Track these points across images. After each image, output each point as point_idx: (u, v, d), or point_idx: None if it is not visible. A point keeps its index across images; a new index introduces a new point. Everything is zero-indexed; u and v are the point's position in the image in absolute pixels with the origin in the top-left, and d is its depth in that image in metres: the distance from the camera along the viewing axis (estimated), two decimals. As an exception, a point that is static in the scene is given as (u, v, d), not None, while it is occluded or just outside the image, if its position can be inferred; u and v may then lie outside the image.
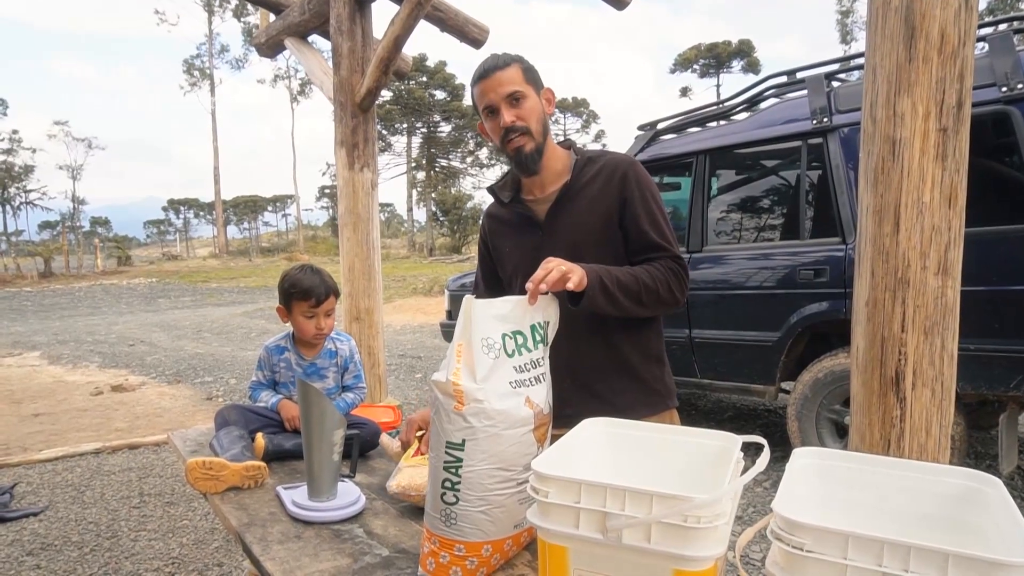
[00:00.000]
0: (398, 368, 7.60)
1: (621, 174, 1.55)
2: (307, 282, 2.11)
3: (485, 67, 1.53)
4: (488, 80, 1.52)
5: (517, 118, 1.52)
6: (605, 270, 1.43)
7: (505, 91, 1.51)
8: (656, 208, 1.55)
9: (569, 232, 1.57)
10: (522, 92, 1.52)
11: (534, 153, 1.55)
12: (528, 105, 1.53)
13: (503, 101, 1.51)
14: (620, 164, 1.57)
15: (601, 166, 1.58)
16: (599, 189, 1.57)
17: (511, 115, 1.52)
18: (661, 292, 1.48)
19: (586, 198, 1.57)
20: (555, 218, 1.60)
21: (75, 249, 33.10)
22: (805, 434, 3.75)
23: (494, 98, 1.52)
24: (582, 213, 1.57)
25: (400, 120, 37.33)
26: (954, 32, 1.40)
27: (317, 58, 4.57)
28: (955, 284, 1.45)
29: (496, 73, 1.51)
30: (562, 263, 1.33)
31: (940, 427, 1.47)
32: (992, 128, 3.20)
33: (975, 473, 0.93)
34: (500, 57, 1.54)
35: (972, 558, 0.71)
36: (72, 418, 5.54)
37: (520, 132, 1.53)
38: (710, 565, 0.87)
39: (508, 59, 1.53)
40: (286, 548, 1.40)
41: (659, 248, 1.53)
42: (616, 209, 1.55)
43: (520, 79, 1.52)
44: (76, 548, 3.09)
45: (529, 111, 1.53)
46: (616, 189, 1.55)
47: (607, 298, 1.42)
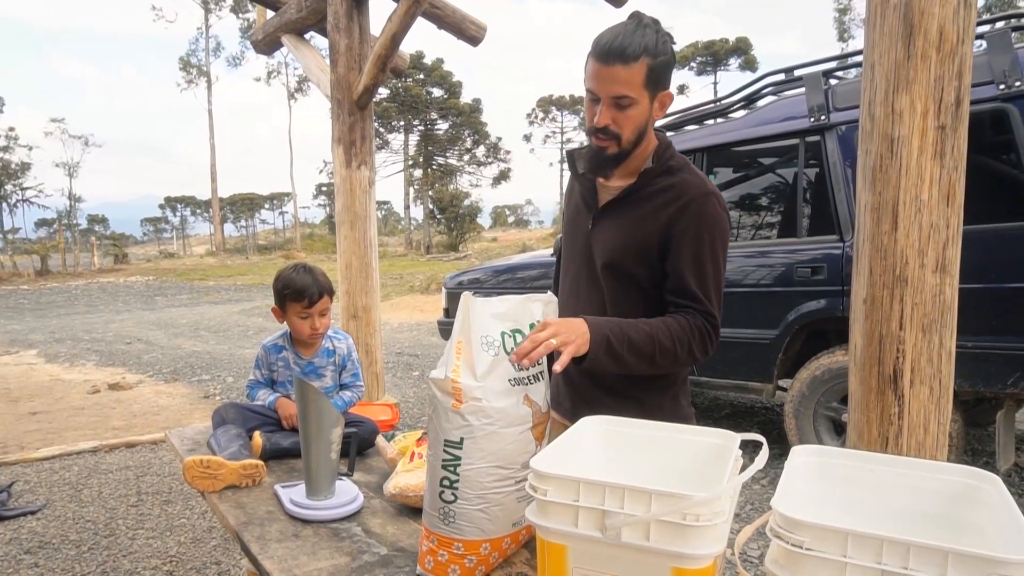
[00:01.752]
0: (395, 366, 7.59)
1: (685, 202, 1.38)
2: (300, 282, 2.09)
3: (611, 48, 1.32)
4: (604, 69, 1.33)
5: (613, 122, 1.38)
6: (617, 328, 1.33)
7: (615, 92, 1.35)
8: (707, 253, 1.38)
9: (612, 241, 1.45)
10: (632, 99, 1.35)
11: (612, 159, 1.42)
12: (632, 112, 1.37)
13: (608, 99, 1.36)
14: (690, 190, 1.40)
15: (673, 182, 1.42)
16: (656, 207, 1.42)
17: (608, 117, 1.37)
18: (679, 354, 1.36)
19: (641, 210, 1.43)
20: (608, 215, 1.49)
21: (72, 247, 33.04)
22: (802, 432, 3.76)
23: (600, 91, 1.36)
24: (630, 227, 1.44)
25: (397, 118, 37.28)
26: (953, 29, 1.40)
27: (314, 55, 4.55)
28: (953, 282, 1.45)
29: (616, 67, 1.32)
30: (557, 332, 1.22)
31: (938, 424, 1.47)
32: (990, 126, 3.20)
33: (974, 470, 0.93)
34: (631, 44, 1.31)
35: (972, 555, 0.71)
36: (69, 416, 5.53)
37: (609, 136, 1.39)
38: (709, 563, 0.86)
39: (638, 51, 1.31)
40: (284, 547, 1.40)
41: (693, 299, 1.38)
42: (658, 238, 1.40)
43: (639, 82, 1.34)
44: (74, 546, 3.08)
45: (630, 119, 1.38)
46: (670, 216, 1.39)
47: (613, 360, 1.32)
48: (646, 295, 1.46)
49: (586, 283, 1.54)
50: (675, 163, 1.45)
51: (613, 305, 1.49)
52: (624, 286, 1.47)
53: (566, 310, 1.58)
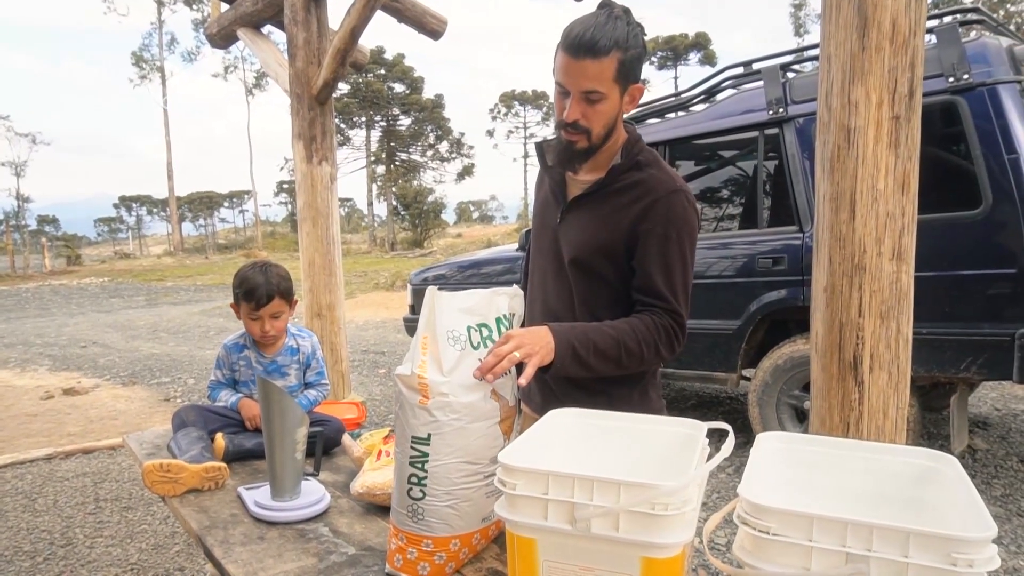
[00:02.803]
0: (361, 364, 7.52)
1: (652, 200, 1.37)
2: (251, 283, 2.03)
3: (581, 41, 1.29)
4: (574, 63, 1.30)
5: (583, 117, 1.35)
6: (581, 334, 1.32)
7: (584, 86, 1.32)
8: (675, 251, 1.37)
9: (579, 237, 1.44)
10: (602, 94, 1.32)
11: (581, 153, 1.40)
12: (602, 107, 1.34)
13: (577, 94, 1.33)
14: (658, 187, 1.38)
15: (641, 178, 1.40)
16: (624, 203, 1.40)
17: (578, 112, 1.34)
18: (646, 355, 1.36)
19: (609, 206, 1.41)
20: (577, 209, 1.47)
21: (21, 249, 31.95)
22: (766, 420, 3.83)
23: (571, 85, 1.33)
24: (597, 222, 1.42)
25: (359, 113, 36.87)
26: (905, 22, 1.43)
27: (272, 49, 4.46)
28: (909, 269, 1.49)
29: (585, 61, 1.29)
30: (520, 344, 1.21)
31: (897, 409, 1.50)
32: (940, 118, 3.29)
33: (933, 453, 0.96)
34: (601, 36, 1.28)
35: (932, 535, 0.72)
36: (21, 423, 5.35)
37: (579, 131, 1.37)
38: (678, 551, 0.87)
39: (608, 44, 1.28)
40: (249, 550, 1.37)
41: (660, 298, 1.37)
42: (625, 235, 1.39)
43: (610, 76, 1.31)
44: (28, 558, 2.98)
45: (600, 114, 1.35)
46: (637, 214, 1.38)
47: (579, 366, 1.32)
48: (614, 291, 1.45)
49: (553, 278, 1.53)
50: (643, 158, 1.43)
51: (581, 301, 1.47)
52: (591, 282, 1.46)
53: (535, 304, 1.57)
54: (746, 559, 0.80)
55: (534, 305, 1.59)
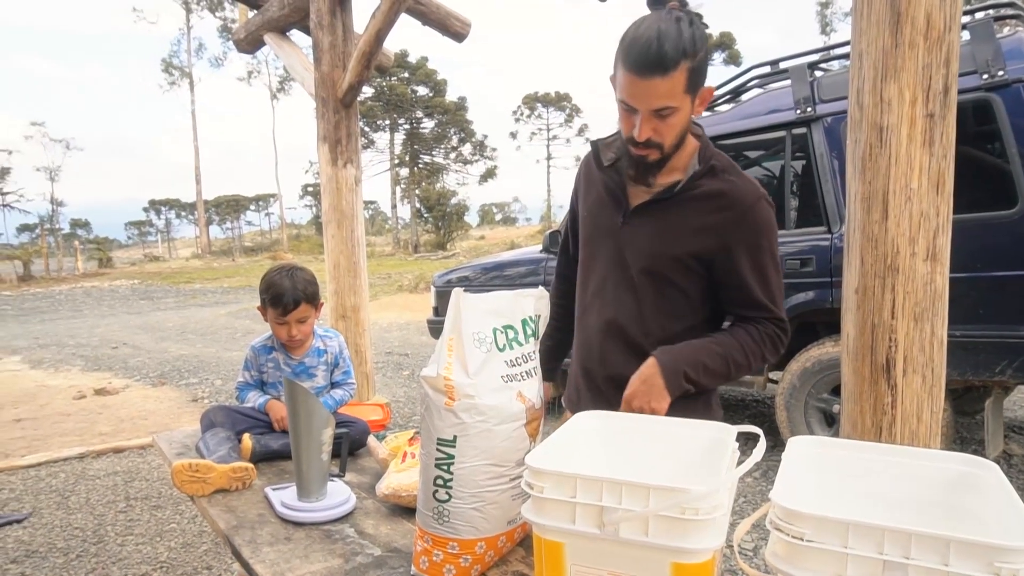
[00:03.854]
0: (385, 366, 7.56)
1: (741, 211, 1.33)
2: (278, 288, 2.04)
3: (646, 60, 1.20)
4: (641, 83, 1.22)
5: (654, 133, 1.28)
6: (691, 359, 1.33)
7: (655, 105, 1.24)
8: (769, 260, 1.35)
9: (649, 245, 1.38)
10: (674, 107, 1.25)
11: (655, 165, 1.35)
12: (674, 120, 1.27)
13: (647, 112, 1.26)
14: (744, 198, 1.33)
15: (722, 188, 1.35)
16: (704, 213, 1.34)
17: (648, 130, 1.28)
18: (753, 364, 1.36)
19: (685, 213, 1.35)
20: (644, 216, 1.39)
21: (55, 252, 32.66)
22: (794, 423, 3.77)
23: (639, 105, 1.26)
24: (673, 227, 1.36)
25: (383, 117, 37.14)
26: (939, 17, 1.40)
27: (297, 53, 4.51)
28: (944, 270, 1.45)
29: (653, 80, 1.21)
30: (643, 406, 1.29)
31: (931, 413, 1.47)
32: (974, 115, 3.22)
33: (971, 458, 0.93)
34: (667, 50, 1.19)
35: (973, 543, 0.70)
36: (55, 423, 5.46)
37: (651, 147, 1.31)
38: (708, 557, 0.85)
39: (676, 58, 1.19)
40: (276, 550, 1.38)
41: (762, 308, 1.35)
42: (709, 246, 1.35)
43: (680, 90, 1.23)
44: (62, 554, 3.04)
45: (671, 126, 1.28)
46: (724, 225, 1.33)
47: (695, 386, 1.35)
48: (687, 300, 1.41)
49: (615, 286, 1.46)
50: (718, 163, 1.37)
51: (650, 311, 1.42)
52: (663, 291, 1.41)
53: (590, 313, 1.52)
54: (779, 566, 0.78)
55: (588, 313, 1.53)
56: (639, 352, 1.42)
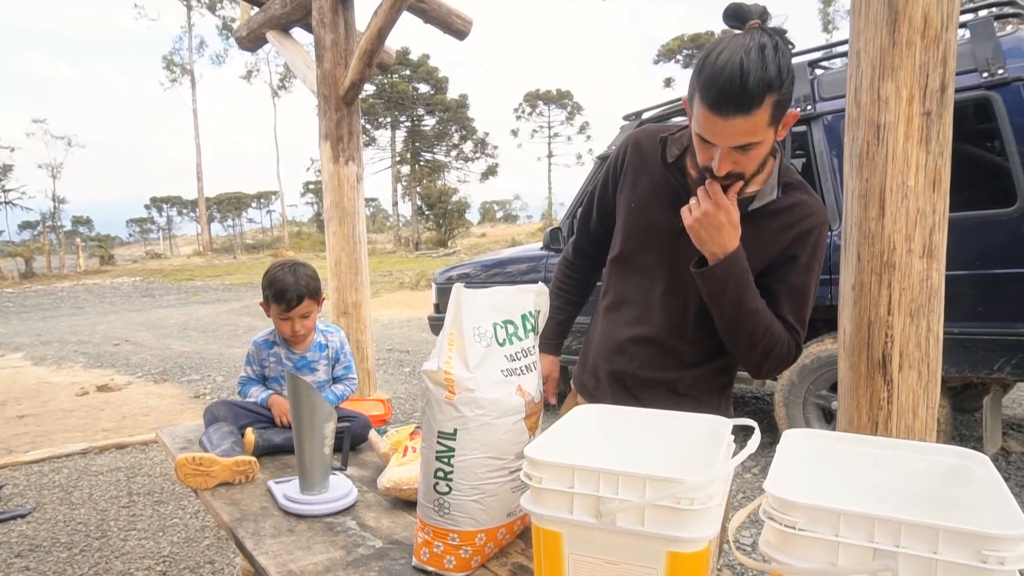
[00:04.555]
0: (386, 362, 7.58)
1: (807, 229, 1.32)
2: (281, 284, 2.06)
3: (728, 100, 1.10)
4: (720, 121, 1.13)
5: (736, 166, 1.20)
6: (744, 282, 1.27)
7: (736, 143, 1.16)
8: (812, 283, 1.35)
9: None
10: (756, 143, 1.16)
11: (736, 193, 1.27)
12: (756, 152, 1.19)
13: (727, 150, 1.18)
14: (812, 216, 1.33)
15: (792, 204, 1.33)
16: (776, 230, 1.32)
17: (728, 165, 1.20)
18: (763, 343, 1.31)
19: (756, 232, 1.31)
20: None
21: (56, 249, 32.71)
22: (793, 420, 3.79)
23: (718, 141, 1.17)
24: (744, 245, 1.29)
25: (384, 114, 37.15)
26: (937, 16, 1.41)
27: (299, 51, 4.52)
28: (940, 267, 1.46)
29: (736, 120, 1.11)
30: (733, 219, 1.21)
31: (927, 408, 1.48)
32: (974, 113, 3.23)
33: (963, 451, 0.94)
34: (750, 85, 1.07)
35: (962, 532, 0.72)
36: (58, 419, 5.48)
37: (731, 178, 1.23)
38: (703, 546, 0.87)
39: (762, 90, 1.08)
40: (279, 542, 1.40)
41: (785, 324, 1.34)
42: (772, 260, 1.33)
43: (763, 125, 1.13)
44: (65, 549, 3.06)
45: (754, 158, 1.21)
46: (790, 240, 1.32)
47: (718, 295, 1.28)
48: None
49: (663, 291, 1.42)
50: (790, 181, 1.35)
51: (698, 319, 1.40)
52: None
53: (628, 309, 1.48)
54: (772, 554, 0.80)
55: (625, 309, 1.49)
56: (673, 359, 1.43)
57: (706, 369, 1.46)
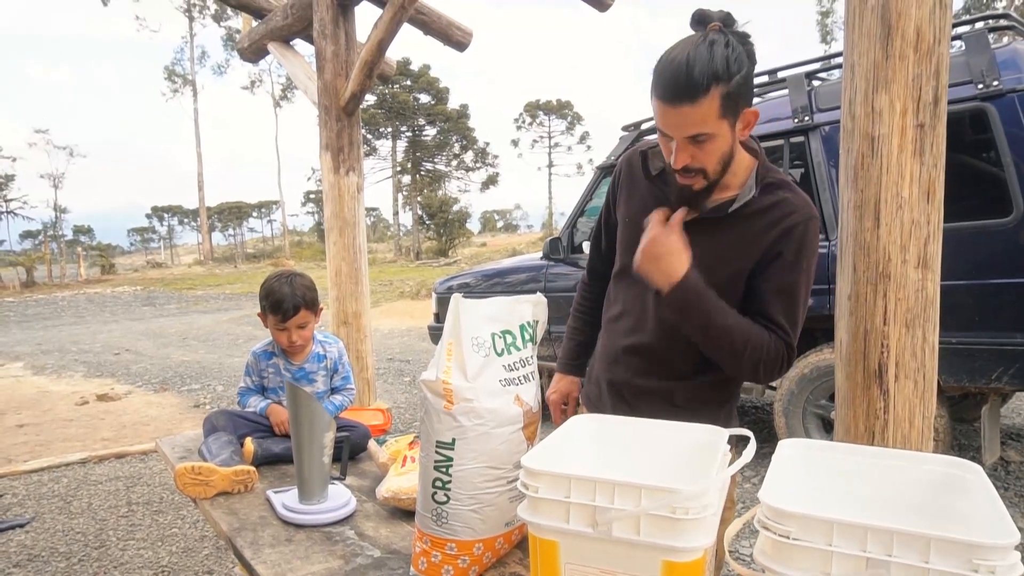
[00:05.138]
0: (386, 372, 7.58)
1: (791, 225, 1.30)
2: (277, 295, 2.07)
3: (674, 86, 1.17)
4: (671, 110, 1.20)
5: (692, 159, 1.25)
6: (705, 301, 1.27)
7: (688, 132, 1.21)
8: (802, 282, 1.32)
9: (699, 258, 1.31)
10: (708, 135, 1.21)
11: (701, 192, 1.31)
12: (712, 146, 1.23)
13: (682, 140, 1.23)
14: (797, 211, 1.31)
15: (775, 201, 1.32)
16: (760, 230, 1.32)
17: (685, 157, 1.25)
18: (744, 361, 1.29)
19: (739, 233, 1.33)
20: (694, 233, 1.33)
21: (58, 258, 32.75)
22: (792, 429, 3.79)
23: (672, 132, 1.24)
24: (725, 247, 1.33)
25: (385, 124, 37.28)
26: (929, 30, 1.43)
27: (300, 62, 4.55)
28: (935, 277, 1.48)
29: (683, 108, 1.17)
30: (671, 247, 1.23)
31: (923, 418, 1.49)
32: (970, 125, 3.25)
33: (956, 460, 0.95)
34: (696, 75, 1.14)
35: (953, 541, 0.72)
36: (57, 428, 5.48)
37: (692, 173, 1.27)
38: (699, 555, 0.88)
39: (707, 80, 1.15)
40: (277, 551, 1.40)
41: (776, 325, 1.31)
42: (757, 261, 1.32)
43: (714, 115, 1.19)
44: (64, 559, 3.06)
45: (710, 152, 1.24)
46: (773, 239, 1.31)
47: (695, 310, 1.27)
48: None
49: (656, 301, 1.41)
50: (773, 180, 1.35)
51: None
52: None
53: (624, 320, 1.50)
54: (767, 563, 0.81)
55: (623, 319, 1.50)
56: (666, 368, 1.43)
57: (701, 382, 1.44)
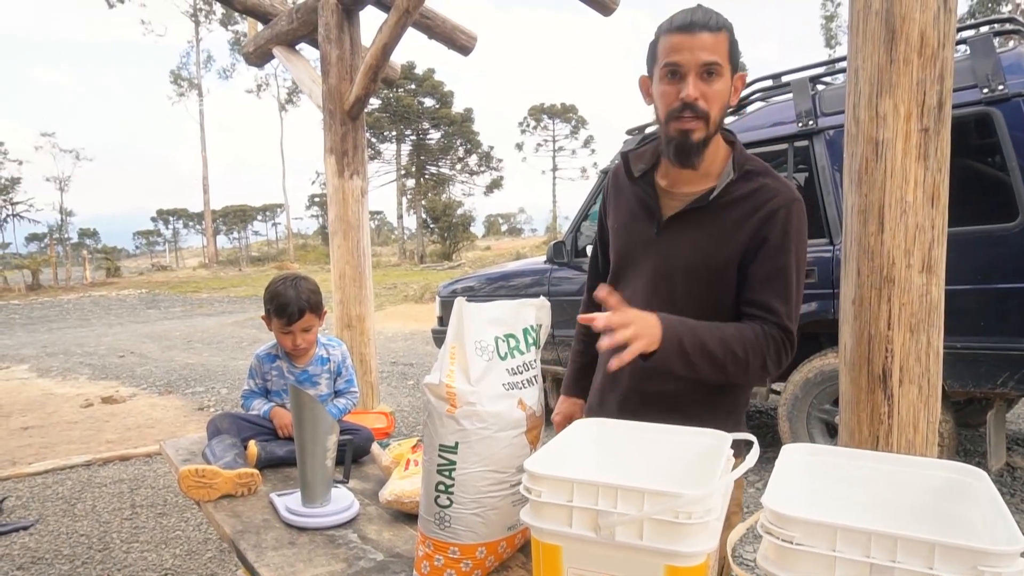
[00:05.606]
0: (390, 375, 7.58)
1: (772, 209, 1.32)
2: (282, 299, 2.08)
3: (692, 19, 1.27)
4: (689, 37, 1.26)
5: (703, 96, 1.28)
6: (690, 330, 1.25)
7: (704, 59, 1.26)
8: (792, 265, 1.32)
9: (688, 254, 1.35)
10: (721, 67, 1.27)
11: (700, 144, 1.32)
12: (719, 87, 1.29)
13: (696, 69, 1.27)
14: (777, 196, 1.33)
15: (755, 187, 1.34)
16: (740, 217, 1.33)
17: (698, 90, 1.27)
18: (752, 364, 1.28)
19: (722, 221, 1.34)
20: (680, 226, 1.37)
21: (63, 261, 32.83)
22: (796, 434, 3.78)
23: (687, 60, 1.27)
24: (711, 236, 1.34)
25: (389, 128, 37.34)
26: (934, 34, 1.43)
27: (305, 66, 4.57)
28: (939, 282, 1.47)
29: (702, 34, 1.25)
30: (633, 325, 1.17)
31: (927, 423, 1.48)
32: (975, 129, 3.24)
33: (960, 466, 0.95)
34: (711, 15, 1.27)
35: (957, 547, 0.72)
36: (62, 431, 5.50)
37: (697, 115, 1.29)
38: (702, 560, 0.88)
39: (720, 22, 1.27)
40: (280, 554, 1.40)
41: (771, 311, 1.30)
42: (742, 250, 1.33)
43: (725, 52, 1.28)
44: (67, 561, 3.06)
45: (717, 94, 1.29)
46: (756, 225, 1.32)
47: (683, 362, 1.25)
48: (723, 308, 1.37)
49: (649, 296, 1.41)
50: (752, 167, 1.37)
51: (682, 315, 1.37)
52: (700, 300, 1.37)
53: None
54: (770, 568, 0.81)
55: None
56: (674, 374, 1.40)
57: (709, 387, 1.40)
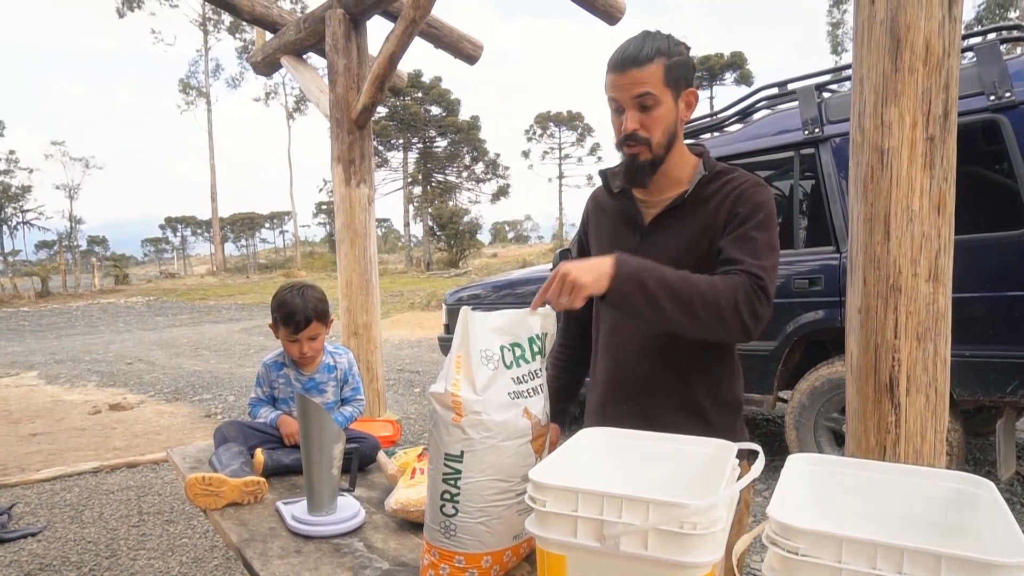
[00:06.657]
0: (396, 383, 7.59)
1: (739, 192, 1.38)
2: (289, 307, 2.09)
3: (622, 57, 1.34)
4: (620, 76, 1.35)
5: (640, 126, 1.36)
6: (653, 267, 1.26)
7: (635, 93, 1.34)
8: (761, 231, 1.34)
9: (672, 250, 1.39)
10: (655, 98, 1.34)
11: (646, 166, 1.39)
12: (658, 113, 1.36)
13: (631, 103, 1.35)
14: (745, 183, 1.39)
15: (724, 183, 1.41)
16: (715, 207, 1.39)
17: (636, 121, 1.36)
18: (723, 307, 1.25)
19: (700, 215, 1.40)
20: (660, 227, 1.44)
21: (72, 268, 33.08)
22: (803, 443, 3.76)
23: (621, 97, 1.36)
24: (690, 230, 1.40)
25: (396, 136, 37.48)
26: (938, 43, 1.43)
27: (313, 75, 4.60)
28: (946, 290, 1.47)
29: (631, 71, 1.33)
30: (570, 270, 1.21)
31: (935, 432, 1.48)
32: (982, 136, 3.23)
33: (968, 476, 0.94)
34: (643, 48, 1.33)
35: (965, 559, 0.72)
36: (70, 437, 5.52)
37: (639, 142, 1.37)
38: (707, 571, 0.87)
39: (651, 53, 1.33)
40: (286, 563, 1.40)
41: (736, 262, 1.30)
42: (723, 229, 1.37)
43: (658, 80, 1.33)
44: (75, 568, 3.07)
45: (656, 120, 1.36)
46: (731, 206, 1.37)
47: (645, 299, 1.23)
48: None
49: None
50: (721, 168, 1.44)
51: None
52: None
53: (615, 334, 1.50)
54: (775, 579, 0.80)
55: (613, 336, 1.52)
56: (671, 359, 1.43)
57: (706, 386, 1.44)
